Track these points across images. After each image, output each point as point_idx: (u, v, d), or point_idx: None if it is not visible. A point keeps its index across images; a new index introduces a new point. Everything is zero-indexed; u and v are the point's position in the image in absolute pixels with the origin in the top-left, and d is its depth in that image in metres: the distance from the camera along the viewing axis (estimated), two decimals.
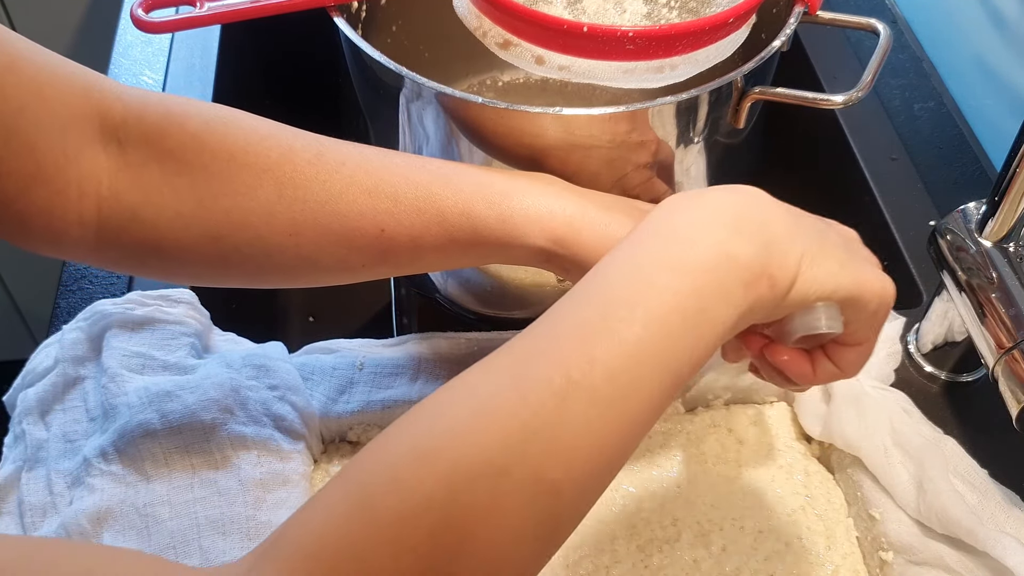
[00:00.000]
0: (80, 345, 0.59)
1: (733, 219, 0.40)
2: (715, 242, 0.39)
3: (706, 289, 0.38)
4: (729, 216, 0.40)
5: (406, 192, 0.47)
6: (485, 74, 0.80)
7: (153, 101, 0.47)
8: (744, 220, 0.40)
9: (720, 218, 0.40)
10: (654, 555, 0.55)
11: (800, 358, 0.46)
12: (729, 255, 0.39)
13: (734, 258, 0.39)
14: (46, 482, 0.55)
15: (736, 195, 0.41)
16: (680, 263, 0.38)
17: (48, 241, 0.46)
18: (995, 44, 0.75)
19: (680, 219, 0.40)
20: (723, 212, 0.40)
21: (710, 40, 0.51)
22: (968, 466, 0.56)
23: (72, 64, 0.46)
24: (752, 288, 0.39)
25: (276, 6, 0.55)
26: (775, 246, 0.40)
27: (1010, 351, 0.52)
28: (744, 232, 0.39)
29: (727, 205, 0.41)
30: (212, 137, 0.47)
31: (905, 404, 0.58)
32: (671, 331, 0.37)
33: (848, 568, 0.55)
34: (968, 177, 0.74)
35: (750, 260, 0.39)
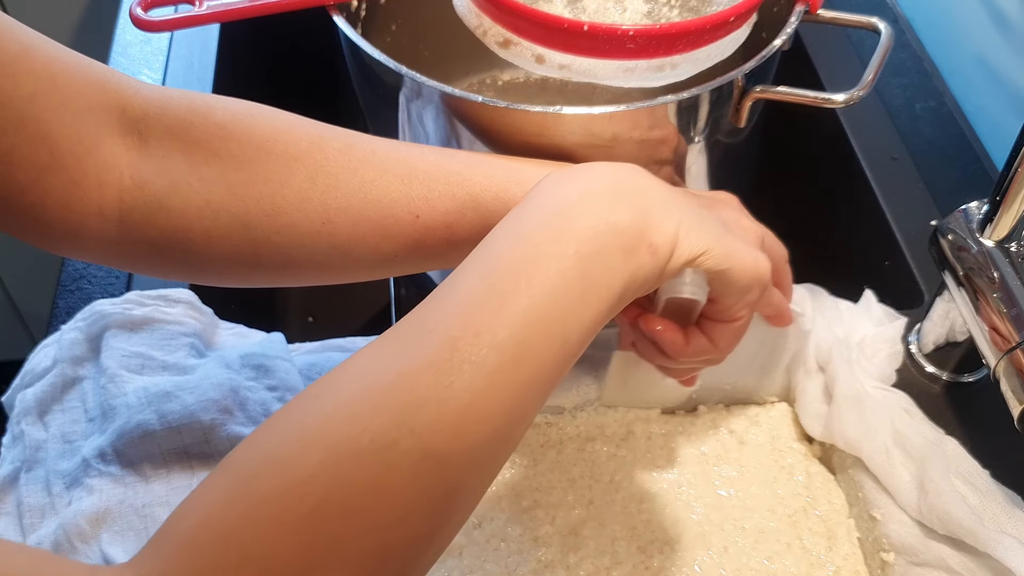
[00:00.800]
0: (79, 345, 0.59)
1: (613, 189, 0.40)
2: (595, 211, 0.39)
3: (589, 256, 0.38)
4: (608, 186, 0.41)
5: (438, 178, 0.47)
6: (485, 73, 0.80)
7: (174, 96, 0.47)
8: (623, 190, 0.41)
9: (600, 189, 0.40)
10: (655, 556, 0.55)
11: (672, 328, 0.46)
12: (609, 222, 0.39)
13: (614, 224, 0.39)
14: (44, 483, 0.55)
15: (616, 169, 0.42)
16: (562, 232, 0.39)
17: (65, 235, 0.45)
18: (997, 43, 0.75)
19: (562, 190, 0.41)
20: (602, 183, 0.41)
21: (711, 39, 0.51)
22: (970, 467, 0.55)
23: (86, 58, 0.45)
24: (633, 255, 0.39)
25: (276, 5, 0.55)
26: (654, 214, 0.40)
27: (1012, 351, 0.52)
28: (624, 201, 0.40)
29: (606, 177, 0.41)
30: (239, 127, 0.46)
31: (906, 404, 0.58)
32: (557, 299, 0.37)
33: (849, 569, 0.55)
34: (969, 177, 0.73)
35: (629, 226, 0.39)
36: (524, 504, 0.57)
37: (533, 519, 0.57)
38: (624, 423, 0.61)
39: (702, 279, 0.43)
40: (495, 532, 0.56)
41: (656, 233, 0.40)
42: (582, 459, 0.59)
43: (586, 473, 0.59)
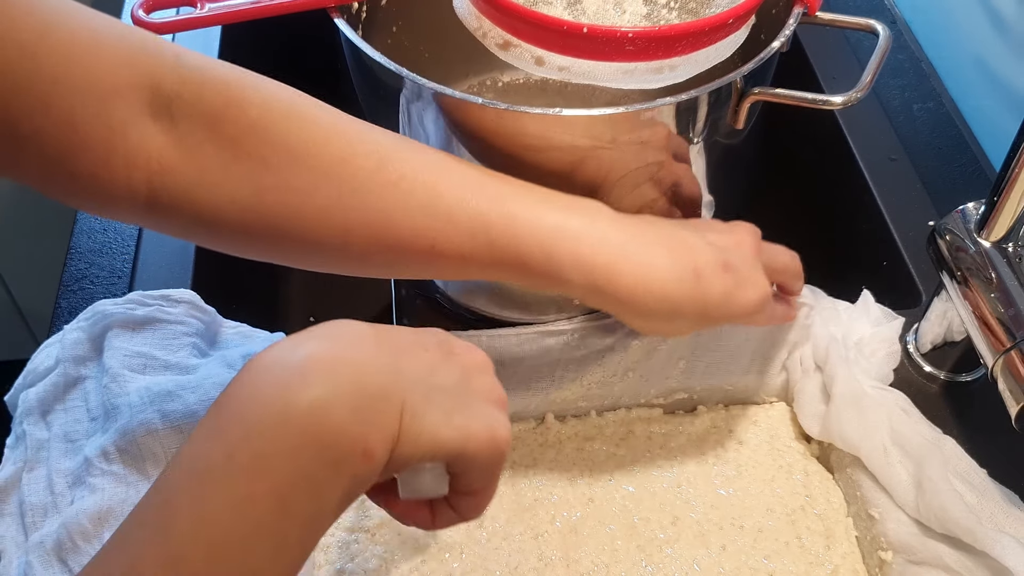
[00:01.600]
0: (81, 345, 0.59)
1: (319, 385, 0.35)
2: (296, 423, 0.34)
3: (286, 485, 0.34)
4: (315, 381, 0.35)
5: (461, 215, 0.47)
6: (485, 75, 0.80)
7: (212, 78, 0.46)
8: (333, 382, 0.35)
9: (304, 386, 0.35)
10: (654, 554, 0.55)
11: (416, 509, 0.43)
12: (313, 436, 0.34)
13: (318, 438, 0.34)
14: (47, 482, 0.55)
15: (324, 344, 0.37)
16: (250, 461, 0.34)
17: (98, 205, 0.46)
18: (994, 44, 0.75)
19: (257, 396, 0.35)
20: (308, 377, 0.35)
21: (710, 41, 0.51)
22: (967, 466, 0.56)
23: (119, 26, 0.44)
24: (344, 466, 0.35)
25: (277, 7, 0.55)
26: (370, 409, 0.36)
27: (1009, 351, 0.52)
28: (333, 399, 0.35)
29: (313, 364, 0.36)
30: (273, 129, 0.46)
31: (904, 404, 0.58)
32: (244, 545, 0.33)
33: (847, 568, 0.56)
34: (967, 177, 0.74)
35: (339, 436, 0.35)
36: (525, 503, 0.57)
37: (534, 517, 0.57)
38: (624, 422, 0.62)
39: (440, 471, 0.40)
40: (496, 531, 0.56)
41: (373, 433, 0.36)
42: (582, 458, 0.60)
43: (586, 472, 0.59)
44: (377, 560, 0.55)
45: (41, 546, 0.52)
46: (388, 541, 0.55)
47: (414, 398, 0.37)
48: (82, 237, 0.67)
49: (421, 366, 0.40)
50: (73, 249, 0.67)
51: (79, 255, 0.66)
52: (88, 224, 0.68)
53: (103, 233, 0.68)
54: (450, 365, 0.41)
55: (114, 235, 0.67)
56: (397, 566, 0.54)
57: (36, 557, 0.51)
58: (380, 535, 0.56)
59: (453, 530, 0.56)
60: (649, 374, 0.61)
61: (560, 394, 0.61)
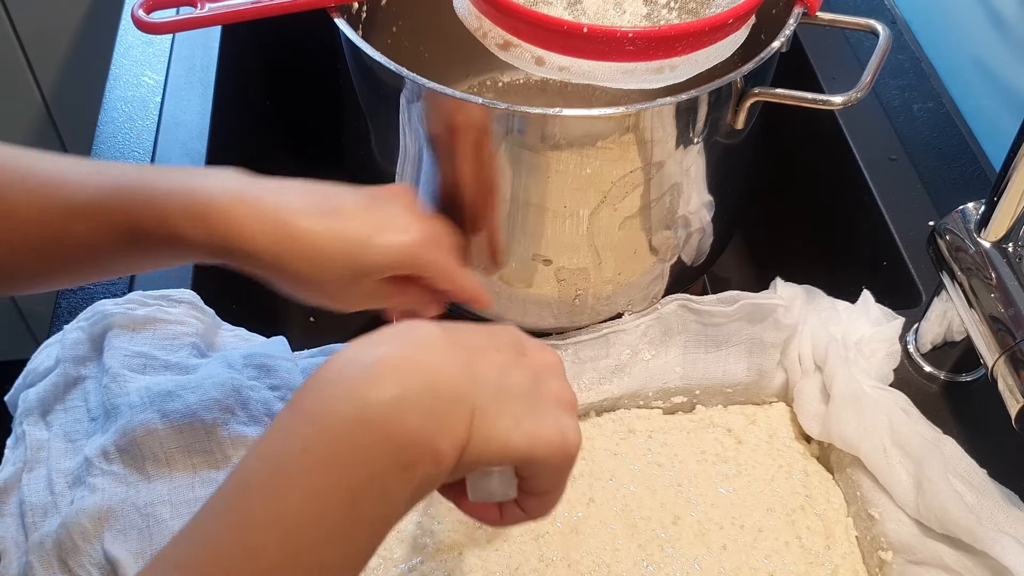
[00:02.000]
0: (81, 345, 0.59)
1: (392, 388, 0.35)
2: (370, 424, 0.35)
3: (358, 484, 0.34)
4: (388, 383, 0.35)
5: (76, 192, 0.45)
6: (485, 75, 0.80)
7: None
8: (406, 385, 0.36)
9: (377, 388, 0.35)
10: (655, 553, 0.55)
11: (485, 508, 0.43)
12: (386, 437, 0.35)
13: (391, 440, 0.35)
14: (47, 482, 0.55)
15: (397, 346, 0.37)
16: (325, 459, 0.34)
17: None
18: (994, 44, 0.75)
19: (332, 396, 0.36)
20: (382, 379, 0.35)
21: (710, 41, 0.51)
22: (967, 466, 0.56)
23: None
24: (414, 470, 0.35)
25: (276, 7, 0.55)
26: (441, 412, 0.36)
27: (1009, 351, 0.52)
28: (405, 402, 0.35)
29: (386, 366, 0.36)
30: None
31: (904, 404, 0.58)
32: (315, 538, 0.34)
33: (847, 567, 0.56)
34: (967, 177, 0.74)
35: (410, 438, 0.35)
36: None
37: None
38: (624, 422, 0.62)
39: (509, 475, 0.40)
40: (496, 531, 0.56)
41: (443, 437, 0.36)
42: (582, 457, 0.60)
43: (586, 471, 0.59)
44: (377, 559, 0.55)
45: (41, 546, 0.52)
46: (387, 541, 0.55)
47: (485, 402, 0.37)
48: None
49: (492, 369, 0.39)
50: None
51: None
52: None
53: None
54: (521, 367, 0.41)
55: None
56: (397, 566, 0.54)
57: (36, 557, 0.51)
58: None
59: (453, 530, 0.56)
60: (647, 382, 0.61)
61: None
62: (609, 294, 0.61)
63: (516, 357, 0.41)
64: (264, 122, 0.95)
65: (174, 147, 0.73)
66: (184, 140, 0.74)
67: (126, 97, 0.77)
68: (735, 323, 0.61)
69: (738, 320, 0.61)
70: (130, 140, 0.74)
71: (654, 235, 0.59)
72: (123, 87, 0.78)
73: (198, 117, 0.75)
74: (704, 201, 0.60)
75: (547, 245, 0.57)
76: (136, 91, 0.77)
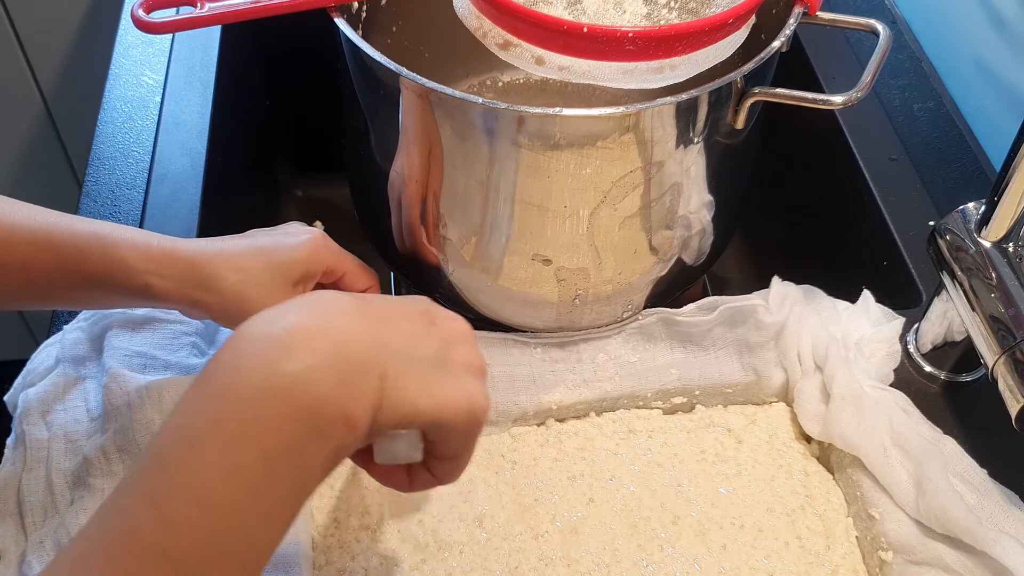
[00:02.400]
0: (81, 345, 0.59)
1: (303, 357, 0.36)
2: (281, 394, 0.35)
3: (273, 453, 0.35)
4: (299, 352, 0.36)
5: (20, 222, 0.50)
6: (485, 74, 0.80)
7: None
8: (316, 353, 0.36)
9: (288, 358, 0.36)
10: (655, 553, 0.55)
11: (394, 472, 0.45)
12: (298, 406, 0.35)
13: (303, 408, 0.35)
14: (47, 482, 0.55)
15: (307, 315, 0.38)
16: (238, 431, 0.35)
17: None
18: (994, 44, 0.75)
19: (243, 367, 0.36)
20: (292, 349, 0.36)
21: (710, 41, 0.51)
22: (967, 466, 0.56)
23: None
24: (328, 435, 0.36)
25: (276, 6, 0.55)
26: (352, 378, 0.37)
27: (1009, 351, 0.52)
28: (316, 370, 0.36)
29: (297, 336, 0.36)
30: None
31: (904, 404, 0.58)
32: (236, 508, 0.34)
33: (847, 567, 0.56)
34: (967, 177, 0.74)
35: (323, 405, 0.36)
36: (525, 502, 0.57)
37: (534, 517, 0.57)
38: (624, 421, 0.62)
39: (416, 438, 0.41)
40: (496, 530, 0.56)
41: (356, 405, 0.36)
42: (582, 457, 0.60)
43: (586, 471, 0.59)
44: (378, 559, 0.55)
45: (41, 546, 0.52)
46: (388, 540, 0.55)
47: (395, 369, 0.38)
48: None
49: (403, 337, 0.41)
50: None
51: None
52: None
53: None
54: (431, 335, 0.42)
55: None
56: (397, 565, 0.54)
57: (36, 557, 0.51)
58: (381, 534, 0.56)
59: (454, 530, 0.56)
60: (643, 383, 0.61)
61: (552, 399, 0.61)
62: (609, 294, 0.61)
63: (426, 326, 0.42)
64: (264, 122, 0.95)
65: (174, 147, 0.73)
66: (184, 140, 0.74)
67: (126, 97, 0.77)
68: (718, 328, 0.62)
69: (720, 325, 0.62)
70: (130, 140, 0.74)
71: (654, 235, 0.59)
72: (123, 87, 0.78)
73: (198, 117, 0.75)
74: (704, 201, 0.60)
75: (547, 245, 0.57)
76: (136, 91, 0.77)
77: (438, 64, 0.73)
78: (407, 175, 0.58)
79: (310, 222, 0.94)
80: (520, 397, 0.60)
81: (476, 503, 0.57)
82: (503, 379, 0.61)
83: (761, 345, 0.61)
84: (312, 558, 0.54)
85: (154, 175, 0.71)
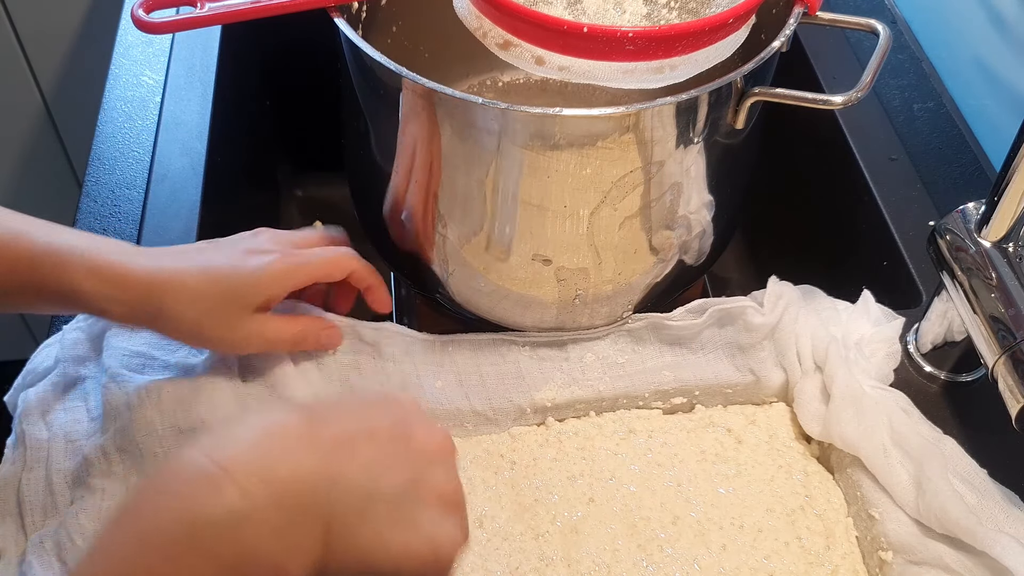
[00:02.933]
0: (81, 345, 0.59)
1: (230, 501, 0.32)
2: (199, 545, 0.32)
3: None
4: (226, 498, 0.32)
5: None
6: (485, 74, 0.80)
7: None
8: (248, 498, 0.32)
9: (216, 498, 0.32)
10: (655, 554, 0.55)
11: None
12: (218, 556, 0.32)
13: (224, 560, 0.32)
14: (47, 482, 0.55)
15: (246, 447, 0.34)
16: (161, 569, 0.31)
17: None
18: (995, 44, 0.75)
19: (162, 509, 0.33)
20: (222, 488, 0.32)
21: (710, 41, 0.51)
22: (967, 466, 0.56)
23: None
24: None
25: (276, 6, 0.55)
26: (289, 530, 0.33)
27: (1009, 351, 0.52)
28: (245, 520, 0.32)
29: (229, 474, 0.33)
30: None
31: (904, 404, 0.58)
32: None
33: (847, 568, 0.56)
34: (967, 177, 0.74)
35: (248, 558, 0.32)
36: (525, 502, 0.57)
37: (534, 517, 0.57)
38: (624, 421, 0.62)
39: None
40: (496, 531, 0.56)
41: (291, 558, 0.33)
42: (582, 457, 0.60)
43: (586, 471, 0.59)
44: None
45: (41, 546, 0.52)
46: None
47: (346, 510, 0.34)
48: None
49: (360, 468, 0.36)
50: None
51: None
52: (88, 224, 0.68)
53: (103, 233, 0.68)
54: (400, 462, 0.37)
55: (114, 235, 0.67)
56: None
57: (36, 557, 0.51)
58: None
59: None
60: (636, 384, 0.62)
61: (545, 396, 0.61)
62: (609, 294, 0.61)
63: (396, 448, 0.37)
64: (264, 122, 0.95)
65: (174, 147, 0.73)
66: (184, 140, 0.74)
67: (126, 97, 0.77)
68: (708, 330, 0.62)
69: (711, 327, 0.62)
70: (130, 140, 0.74)
71: (654, 235, 0.59)
72: (123, 87, 0.78)
73: (198, 117, 0.75)
74: (704, 201, 0.60)
75: (547, 245, 0.57)
76: (136, 91, 0.77)
77: (438, 64, 0.73)
78: (407, 175, 0.58)
79: (310, 222, 0.94)
80: (512, 394, 0.60)
81: (476, 503, 0.57)
82: (493, 377, 0.61)
83: (753, 346, 0.62)
84: None
85: (154, 175, 0.71)
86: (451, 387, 0.60)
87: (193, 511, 0.32)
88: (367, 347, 0.62)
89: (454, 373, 0.61)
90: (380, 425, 0.38)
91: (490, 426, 0.61)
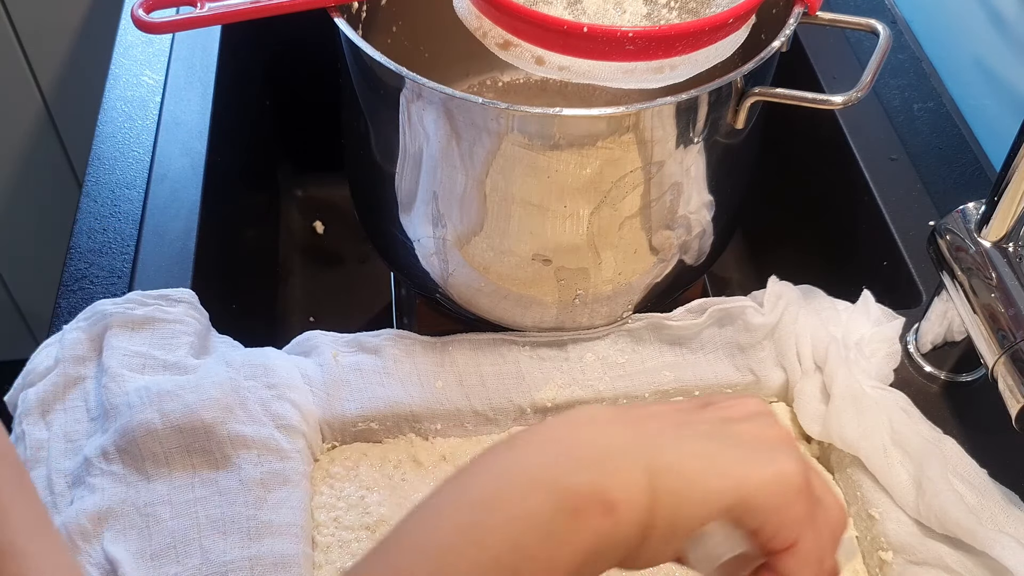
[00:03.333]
0: (80, 345, 0.59)
1: (558, 449, 0.34)
2: (528, 471, 0.33)
3: (518, 522, 0.32)
4: (549, 448, 0.34)
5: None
6: (485, 74, 0.80)
7: None
8: (567, 446, 0.34)
9: (538, 451, 0.34)
10: None
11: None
12: (545, 482, 0.33)
13: (551, 483, 0.32)
14: (47, 482, 0.55)
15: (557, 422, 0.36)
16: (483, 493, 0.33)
17: None
18: (995, 44, 0.75)
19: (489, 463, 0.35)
20: (544, 446, 0.34)
21: (710, 40, 0.51)
22: (967, 466, 0.56)
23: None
24: (583, 518, 0.32)
25: (276, 6, 0.55)
26: (608, 463, 0.33)
27: (1009, 351, 0.52)
28: (568, 456, 0.33)
29: (546, 438, 0.35)
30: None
31: (904, 404, 0.58)
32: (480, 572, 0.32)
33: (847, 568, 0.55)
34: (967, 177, 0.74)
35: (574, 482, 0.32)
36: None
37: None
38: None
39: (728, 528, 0.34)
40: None
41: (615, 490, 0.32)
42: None
43: None
44: None
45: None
46: None
47: (664, 457, 0.34)
48: (82, 237, 0.67)
49: (666, 423, 0.36)
50: (73, 249, 0.67)
51: (79, 255, 0.66)
52: (88, 224, 0.68)
53: (103, 233, 0.68)
54: (703, 415, 0.37)
55: (114, 235, 0.67)
56: None
57: None
58: (381, 533, 0.56)
59: None
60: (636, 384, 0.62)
61: (545, 396, 0.61)
62: (609, 294, 0.61)
63: (696, 409, 0.37)
64: (264, 122, 0.95)
65: (174, 147, 0.73)
66: (184, 140, 0.74)
67: (126, 97, 0.77)
68: (708, 330, 0.62)
69: (710, 327, 0.62)
70: (130, 140, 0.74)
71: (654, 235, 0.59)
72: (123, 87, 0.78)
73: (198, 117, 0.75)
74: (704, 201, 0.60)
75: (547, 245, 0.57)
76: (136, 91, 0.77)
77: (438, 64, 0.73)
78: (407, 175, 0.58)
79: (310, 222, 0.94)
80: (512, 394, 0.60)
81: None
82: (493, 377, 0.61)
83: (752, 346, 0.62)
84: (312, 558, 0.54)
85: (154, 175, 0.71)
86: (451, 387, 0.60)
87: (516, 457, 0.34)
88: (367, 349, 0.62)
89: (454, 373, 0.61)
90: (685, 403, 0.38)
91: (490, 426, 0.61)
